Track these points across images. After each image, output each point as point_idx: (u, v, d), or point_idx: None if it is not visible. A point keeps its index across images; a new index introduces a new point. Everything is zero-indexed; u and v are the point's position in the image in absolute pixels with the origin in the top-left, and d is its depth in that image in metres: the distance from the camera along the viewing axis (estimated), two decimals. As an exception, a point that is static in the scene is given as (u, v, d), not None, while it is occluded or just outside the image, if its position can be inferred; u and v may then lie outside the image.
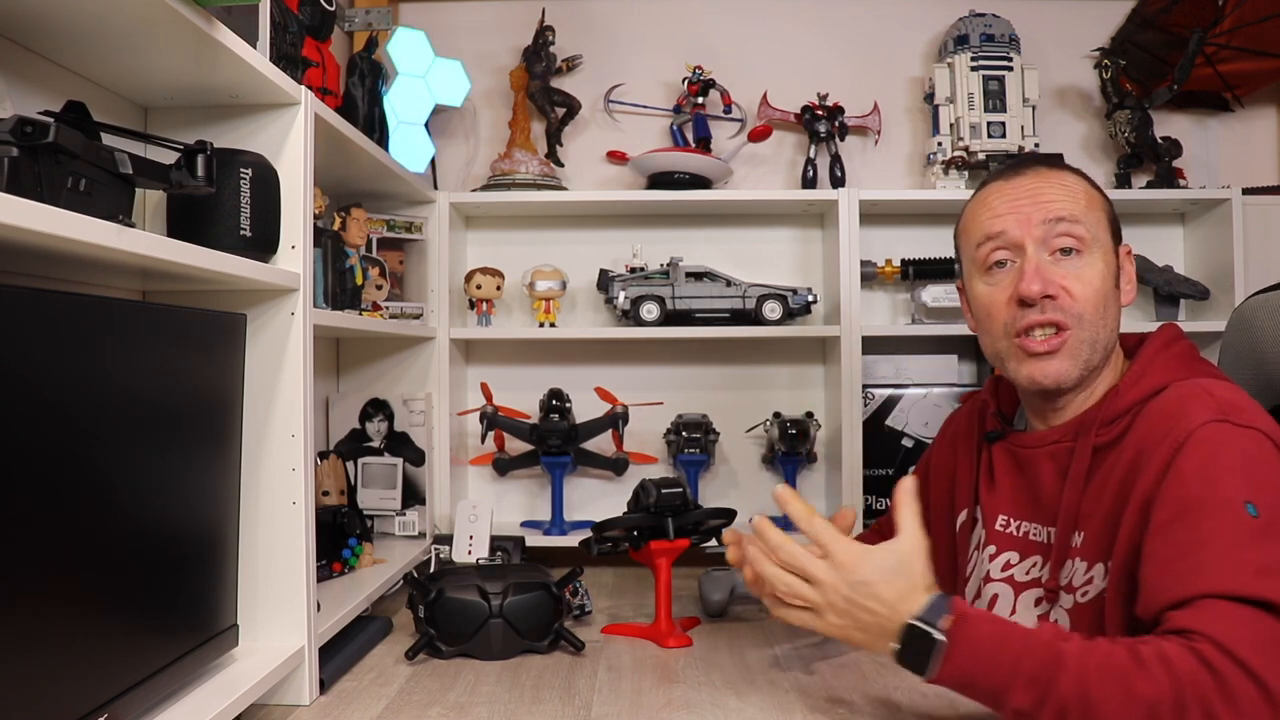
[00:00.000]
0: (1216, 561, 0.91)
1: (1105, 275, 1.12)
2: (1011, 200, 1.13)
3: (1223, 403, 1.00)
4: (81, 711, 0.83)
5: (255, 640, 1.19)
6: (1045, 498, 1.15)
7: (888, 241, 2.12)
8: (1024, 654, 0.91)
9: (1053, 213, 1.11)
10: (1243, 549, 0.90)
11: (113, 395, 0.89)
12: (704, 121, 2.14)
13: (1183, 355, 1.12)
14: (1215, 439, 0.97)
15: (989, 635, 0.94)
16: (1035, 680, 0.89)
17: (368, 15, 1.83)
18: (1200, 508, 0.94)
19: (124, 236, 0.83)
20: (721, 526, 1.54)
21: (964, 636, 0.94)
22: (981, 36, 2.05)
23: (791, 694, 1.19)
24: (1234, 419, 0.98)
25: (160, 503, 0.98)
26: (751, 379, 2.16)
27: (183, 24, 0.96)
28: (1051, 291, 1.09)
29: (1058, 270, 1.10)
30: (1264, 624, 0.87)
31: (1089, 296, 1.09)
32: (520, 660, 1.35)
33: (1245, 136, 2.22)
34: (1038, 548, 1.15)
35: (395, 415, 1.91)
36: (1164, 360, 1.11)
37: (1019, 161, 1.19)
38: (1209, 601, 0.89)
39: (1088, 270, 1.10)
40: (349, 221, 1.53)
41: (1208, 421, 0.98)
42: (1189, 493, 0.96)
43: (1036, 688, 0.89)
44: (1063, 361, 1.10)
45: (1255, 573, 0.89)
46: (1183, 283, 2.04)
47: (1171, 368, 1.09)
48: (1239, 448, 0.96)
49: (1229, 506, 0.93)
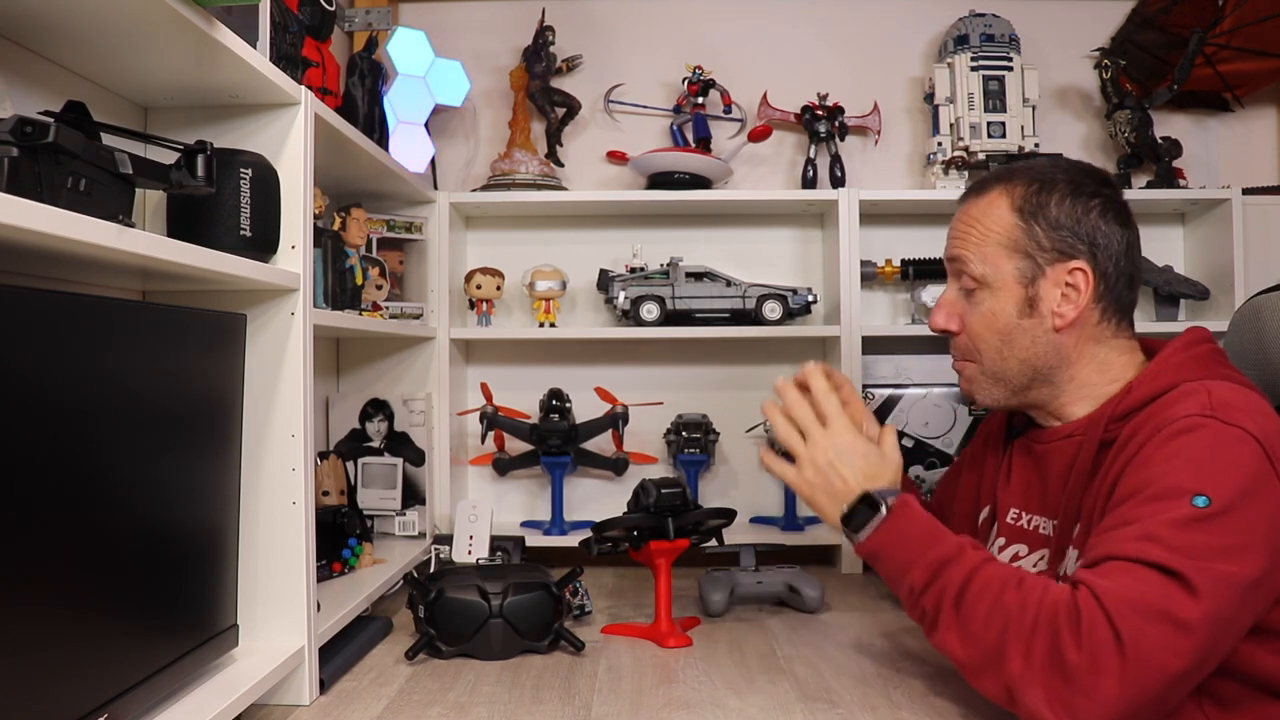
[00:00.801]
0: (1137, 532, 0.93)
1: (1004, 309, 1.14)
2: (950, 230, 1.22)
3: (1217, 401, 0.99)
4: (81, 711, 0.83)
5: (255, 640, 1.19)
6: (1054, 491, 1.16)
7: (888, 241, 2.12)
8: (935, 543, 1.04)
9: (951, 251, 1.20)
10: (1169, 528, 0.92)
11: (113, 395, 0.89)
12: (704, 121, 2.14)
13: (1202, 357, 1.11)
14: (1191, 430, 0.97)
15: (921, 521, 1.08)
16: (932, 564, 1.02)
17: (368, 15, 1.83)
18: (1149, 490, 0.96)
19: (124, 236, 0.83)
20: (721, 526, 1.54)
21: (903, 515, 1.09)
22: (981, 36, 2.05)
23: (791, 694, 1.19)
24: (1220, 415, 0.98)
25: (160, 502, 0.98)
26: (751, 379, 2.16)
27: (183, 24, 0.96)
28: (953, 326, 1.20)
29: (964, 304, 1.19)
30: (1148, 585, 0.90)
31: (981, 333, 1.16)
32: (520, 660, 1.35)
33: (1245, 136, 2.22)
34: (1045, 540, 1.16)
35: (395, 415, 1.91)
36: (1180, 361, 1.10)
37: (973, 184, 1.23)
38: (1111, 562, 0.93)
39: (980, 308, 1.16)
40: (349, 221, 1.53)
41: (1191, 414, 0.98)
42: (1146, 475, 0.97)
43: (930, 570, 1.02)
44: (970, 386, 1.21)
45: (1165, 547, 0.91)
46: (1183, 283, 2.04)
47: (1187, 368, 1.08)
48: (1213, 443, 0.96)
49: (1176, 493, 0.94)
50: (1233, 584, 0.90)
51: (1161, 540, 0.91)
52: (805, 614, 1.59)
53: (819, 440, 1.18)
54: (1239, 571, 0.90)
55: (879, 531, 1.09)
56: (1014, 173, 1.18)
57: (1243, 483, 0.93)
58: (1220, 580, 0.89)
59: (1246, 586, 0.91)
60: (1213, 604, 0.88)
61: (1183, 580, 0.89)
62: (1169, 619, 0.88)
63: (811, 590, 1.59)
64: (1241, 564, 0.90)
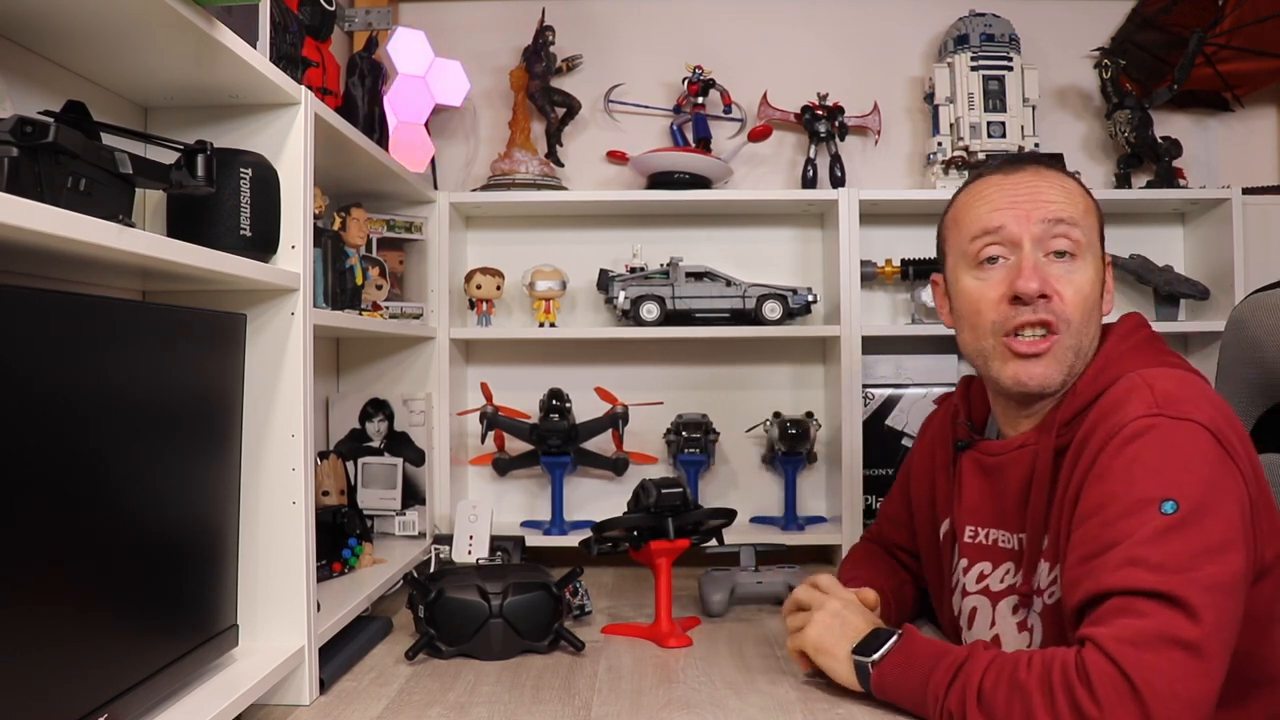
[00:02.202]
0: (1119, 559, 0.92)
1: (1094, 282, 1.11)
2: (1011, 196, 1.11)
3: (1160, 395, 0.98)
4: (81, 711, 0.83)
5: (255, 640, 1.19)
6: (1011, 504, 1.14)
7: (888, 241, 2.12)
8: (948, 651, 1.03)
9: (1052, 213, 1.09)
10: (1146, 545, 0.91)
11: (113, 395, 0.89)
12: (704, 121, 2.14)
13: (1140, 345, 1.11)
14: (1143, 433, 0.97)
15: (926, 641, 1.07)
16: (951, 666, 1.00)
17: (368, 15, 1.83)
18: (1115, 505, 0.95)
19: (124, 236, 0.83)
20: (721, 526, 1.54)
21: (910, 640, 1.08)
22: (981, 36, 2.05)
23: (791, 694, 1.19)
24: (1168, 412, 0.97)
25: (160, 503, 0.98)
26: (751, 379, 2.16)
27: (183, 24, 0.96)
28: (1048, 291, 1.07)
29: (1051, 271, 1.09)
30: (1146, 617, 0.89)
31: (1078, 302, 1.08)
32: (520, 660, 1.35)
33: (1245, 136, 2.22)
34: (1008, 554, 1.15)
35: (395, 415, 1.91)
36: (1120, 353, 1.10)
37: (1017, 157, 1.18)
38: (1104, 603, 0.92)
39: (1079, 275, 1.09)
40: (349, 221, 1.53)
41: (1139, 416, 0.97)
42: (1107, 489, 0.97)
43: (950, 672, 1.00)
44: (1048, 365, 1.09)
45: (1150, 568, 0.90)
46: (1183, 283, 2.04)
47: (1127, 359, 1.08)
48: (1166, 442, 0.96)
49: (1143, 505, 0.93)
50: (1224, 587, 0.90)
51: (1143, 561, 0.90)
52: (805, 614, 1.58)
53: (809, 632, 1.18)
54: (1225, 571, 0.90)
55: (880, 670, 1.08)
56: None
57: (1205, 477, 0.93)
58: (1212, 589, 0.89)
59: (1236, 583, 0.91)
60: (1213, 616, 0.88)
61: (1178, 603, 0.88)
62: (1175, 646, 0.87)
63: (811, 590, 1.59)
64: (1225, 562, 0.90)
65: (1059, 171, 1.15)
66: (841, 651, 1.13)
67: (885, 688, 1.08)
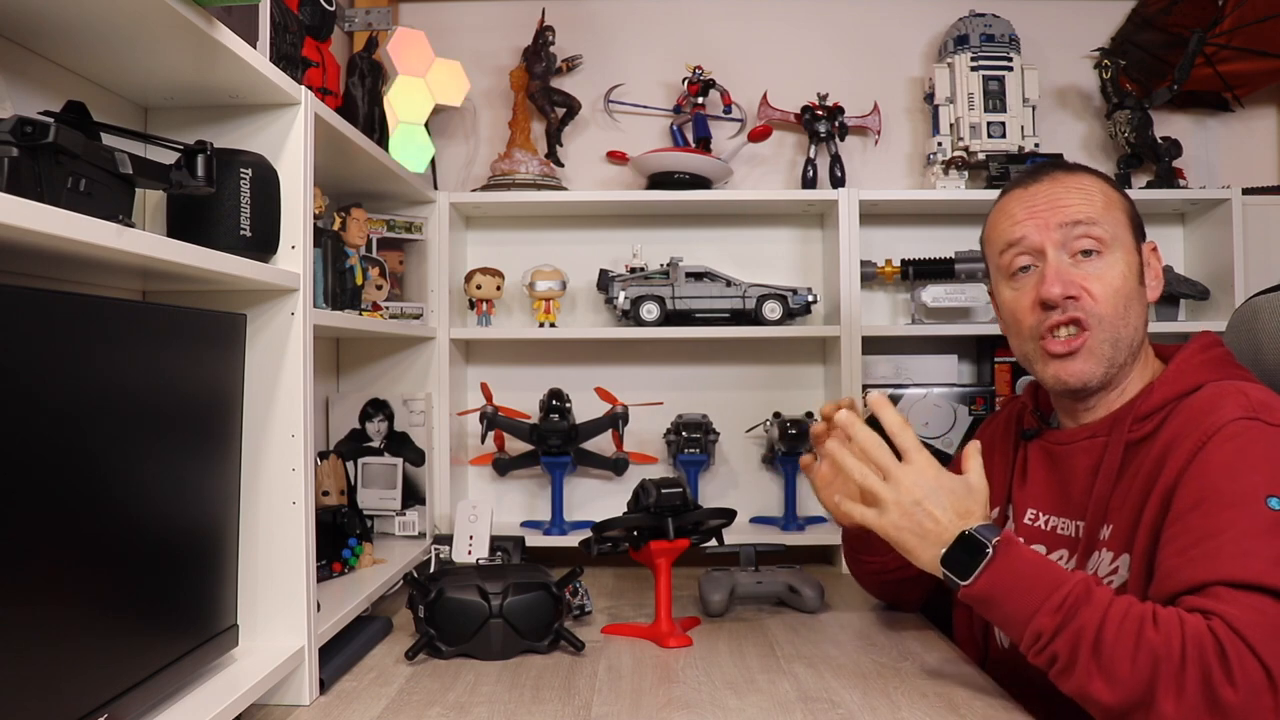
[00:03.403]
0: (1231, 549, 0.93)
1: (1126, 274, 1.14)
2: (1030, 207, 1.17)
3: (1255, 402, 1.02)
4: (81, 711, 0.83)
5: (255, 640, 1.19)
6: (1076, 492, 1.16)
7: (888, 241, 2.12)
8: (1058, 583, 0.98)
9: (1070, 216, 1.14)
10: (1258, 538, 0.92)
11: (113, 395, 0.89)
12: (704, 121, 2.14)
13: (1219, 359, 1.14)
14: (1243, 434, 0.99)
15: (1031, 559, 1.02)
16: (1062, 607, 0.96)
17: (368, 15, 1.83)
18: (1219, 498, 0.96)
19: (124, 236, 0.83)
20: (721, 526, 1.54)
21: (1010, 554, 1.02)
22: (981, 36, 2.05)
23: (791, 694, 1.19)
24: (1264, 417, 1.00)
25: (160, 503, 0.98)
26: (751, 379, 2.16)
27: (183, 24, 0.96)
28: (1072, 292, 1.12)
29: (1078, 272, 1.13)
30: (1274, 611, 0.89)
31: (1109, 296, 1.12)
32: (520, 660, 1.35)
33: (1245, 136, 2.22)
34: (1066, 541, 1.16)
35: (395, 415, 1.91)
36: (1201, 362, 1.12)
37: (1037, 168, 1.23)
38: (1221, 588, 0.91)
39: (1108, 271, 1.13)
40: (349, 221, 1.53)
41: (1238, 418, 1.00)
42: (1210, 483, 0.98)
43: (1061, 614, 0.95)
44: (1085, 362, 1.13)
45: (1269, 562, 0.91)
46: (1183, 283, 2.04)
47: (1208, 370, 1.11)
48: (1266, 443, 0.98)
49: (1249, 498, 0.94)
50: None
51: (1259, 555, 0.91)
52: (805, 614, 1.59)
53: (904, 480, 1.08)
54: None
55: (988, 574, 1.01)
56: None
57: None
58: None
59: None
60: None
61: None
62: None
63: (811, 590, 1.59)
64: None
65: (1078, 173, 1.19)
66: (923, 557, 1.07)
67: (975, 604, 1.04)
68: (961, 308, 2.04)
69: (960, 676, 1.23)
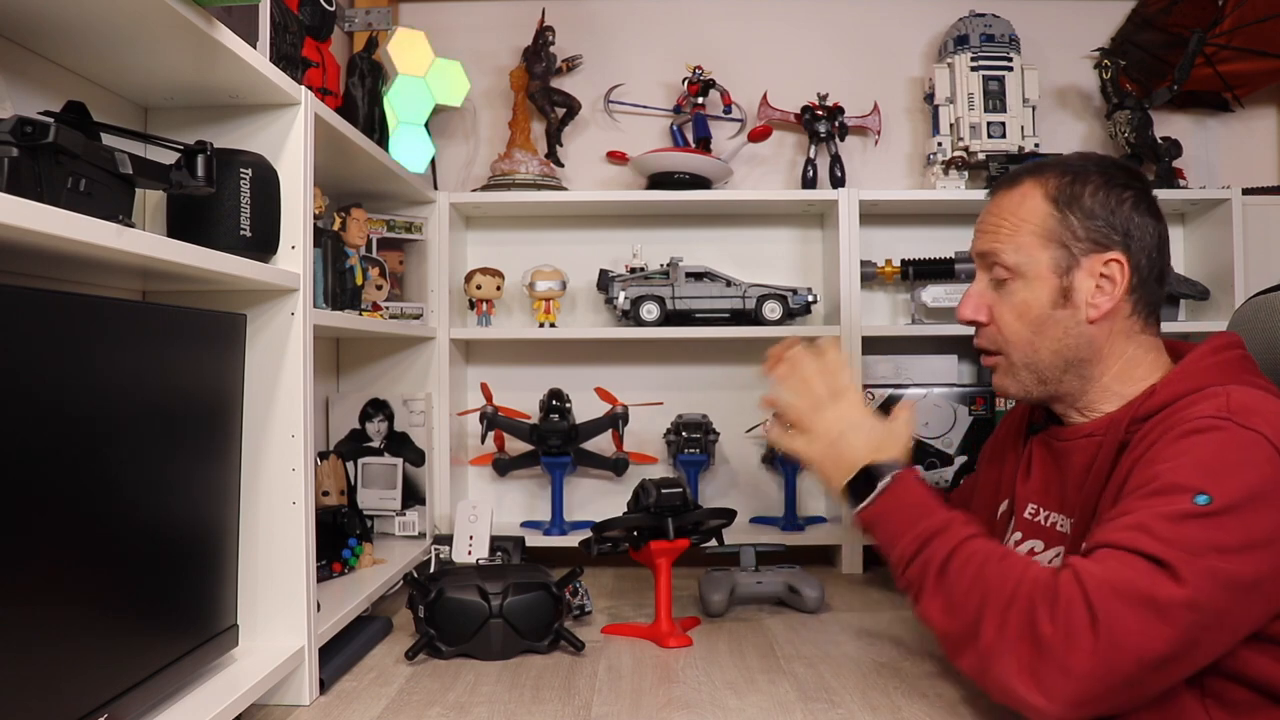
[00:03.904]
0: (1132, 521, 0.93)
1: (1037, 300, 1.13)
2: (979, 224, 1.22)
3: (1235, 404, 0.99)
4: (81, 711, 0.83)
5: (255, 640, 1.19)
6: (1071, 490, 1.16)
7: (888, 241, 2.12)
8: (926, 515, 1.07)
9: (980, 246, 1.19)
10: (1163, 521, 0.92)
11: (113, 395, 0.89)
12: (704, 121, 2.14)
13: (1229, 362, 1.10)
14: (1204, 431, 0.97)
15: (914, 492, 1.11)
16: (920, 535, 1.05)
17: (368, 15, 1.83)
18: (1152, 485, 0.96)
19: (124, 236, 0.83)
20: (721, 526, 1.54)
21: (898, 487, 1.12)
22: (981, 36, 2.05)
23: (791, 694, 1.19)
24: (1237, 419, 0.97)
25: (160, 502, 0.98)
26: (752, 379, 2.16)
27: (183, 24, 0.96)
28: (981, 318, 1.19)
29: (993, 295, 1.18)
30: (1132, 570, 0.90)
31: (1012, 324, 1.16)
32: (520, 660, 1.35)
33: (1245, 136, 2.22)
34: (1060, 538, 1.16)
35: (395, 415, 1.91)
36: (1208, 365, 1.09)
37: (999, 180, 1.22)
38: (1101, 550, 0.94)
39: (1012, 299, 1.15)
40: (349, 221, 1.53)
41: (1205, 416, 0.98)
42: (1150, 471, 0.98)
43: (918, 541, 1.04)
44: (1002, 378, 1.19)
45: (1155, 538, 0.91)
46: (1183, 283, 2.04)
47: (1214, 374, 1.07)
48: (1224, 444, 0.96)
49: (1177, 490, 0.94)
50: (1222, 579, 0.89)
51: (1152, 531, 0.91)
52: (805, 614, 1.59)
53: (830, 412, 1.21)
54: (1231, 569, 0.89)
55: (877, 501, 1.12)
56: (1045, 166, 1.17)
57: (1252, 485, 0.92)
58: (1208, 574, 0.89)
59: (1239, 585, 0.90)
60: (1196, 594, 0.88)
61: (1168, 568, 0.89)
62: (1148, 603, 0.88)
63: (811, 590, 1.59)
64: (1236, 562, 0.90)
65: (1012, 189, 1.17)
66: (834, 482, 1.19)
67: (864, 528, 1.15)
68: (961, 308, 2.03)
69: (960, 676, 1.23)
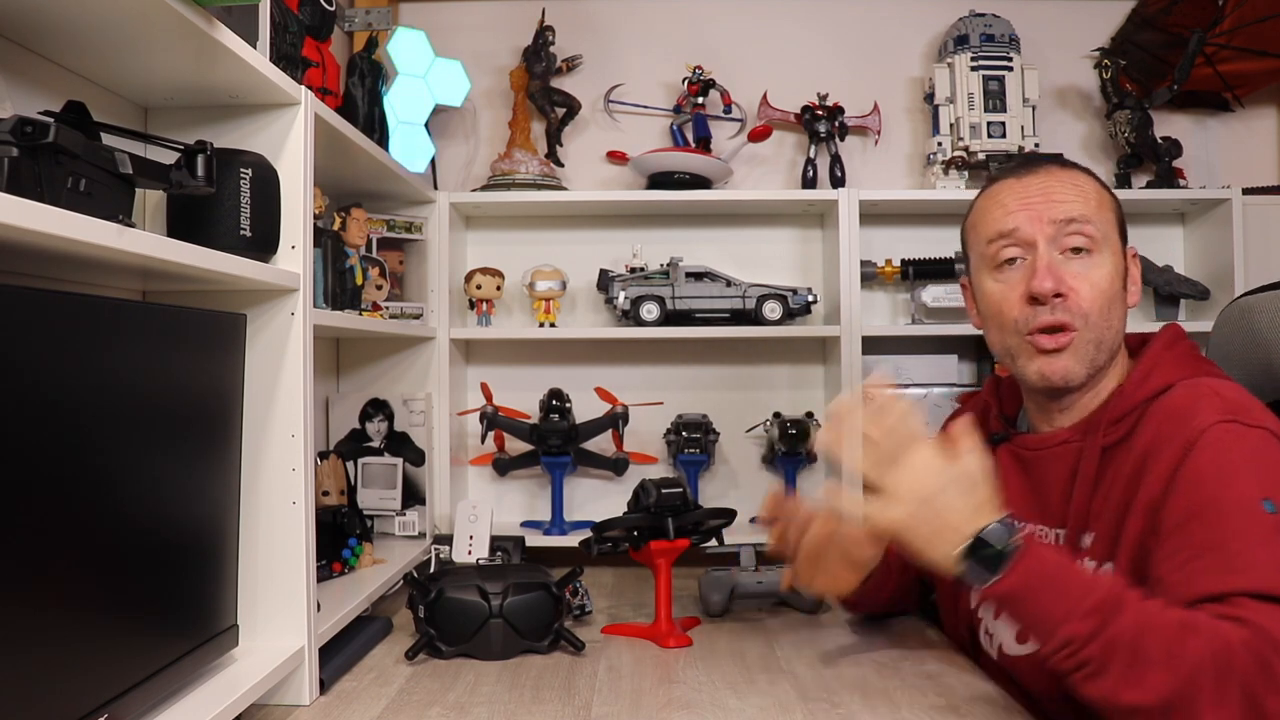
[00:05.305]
0: (1244, 559, 0.92)
1: (1113, 276, 1.13)
2: (1023, 198, 1.14)
3: (1231, 403, 1.01)
4: (81, 711, 0.83)
5: (255, 640, 1.19)
6: (1054, 499, 1.15)
7: (888, 241, 2.12)
8: (1090, 587, 0.93)
9: (1065, 212, 1.12)
10: (1267, 547, 0.91)
11: (113, 395, 0.89)
12: (704, 121, 2.14)
13: (1186, 355, 1.13)
14: (1225, 439, 0.98)
15: (1054, 560, 0.96)
16: (1096, 612, 0.90)
17: (368, 15, 1.83)
18: (1217, 507, 0.95)
19: (124, 236, 0.83)
20: (721, 526, 1.54)
21: (1032, 557, 0.95)
22: (981, 36, 2.05)
23: (791, 694, 1.19)
24: (1242, 419, 0.99)
25: (160, 502, 0.98)
26: (751, 379, 2.16)
27: (183, 24, 0.96)
28: (1063, 290, 1.10)
29: (1068, 269, 1.11)
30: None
31: (1095, 297, 1.11)
32: (520, 660, 1.35)
33: (1245, 136, 2.22)
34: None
35: (395, 415, 1.91)
36: (1168, 360, 1.11)
37: (1031, 159, 1.20)
38: (1243, 599, 0.89)
39: (1096, 271, 1.12)
40: (349, 221, 1.53)
41: (1217, 422, 0.99)
42: (1204, 493, 0.96)
43: (1095, 619, 0.90)
44: (1069, 360, 1.11)
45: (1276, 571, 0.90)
46: (1183, 283, 2.04)
47: (1176, 367, 1.10)
48: (1249, 447, 0.98)
49: (1246, 505, 0.94)
50: None
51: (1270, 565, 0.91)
52: (805, 614, 1.59)
53: (914, 470, 1.01)
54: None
55: (1012, 575, 0.95)
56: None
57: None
58: None
59: None
60: None
61: None
62: None
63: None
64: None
65: (1073, 169, 1.17)
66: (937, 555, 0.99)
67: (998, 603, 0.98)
68: (961, 308, 2.03)
69: (960, 677, 1.23)
